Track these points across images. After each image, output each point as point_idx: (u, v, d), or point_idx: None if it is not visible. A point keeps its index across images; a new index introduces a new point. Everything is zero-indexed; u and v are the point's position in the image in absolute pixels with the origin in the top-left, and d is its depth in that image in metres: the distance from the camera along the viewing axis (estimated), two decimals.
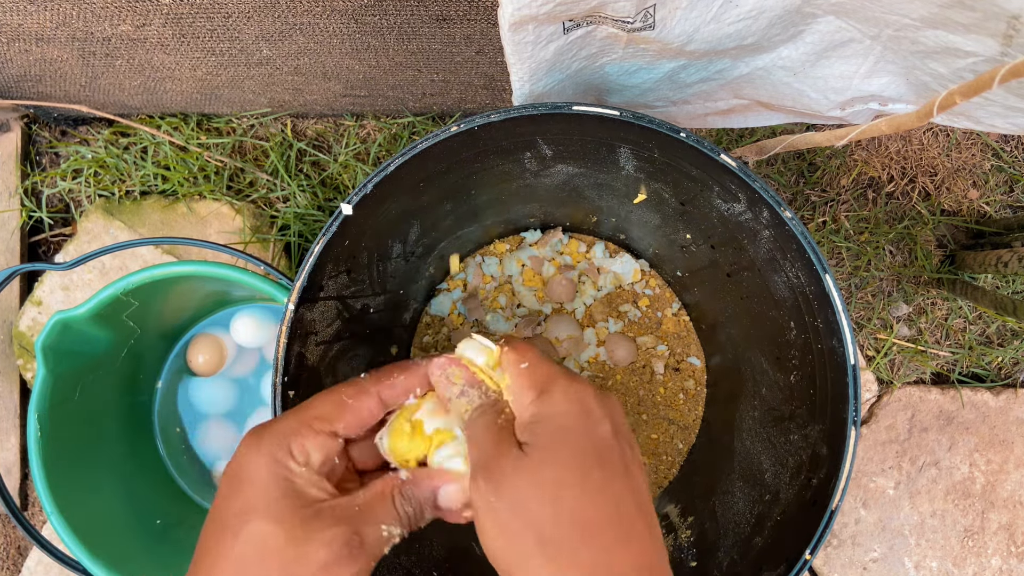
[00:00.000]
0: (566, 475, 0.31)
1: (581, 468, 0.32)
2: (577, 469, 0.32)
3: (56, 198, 0.84)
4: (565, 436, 0.33)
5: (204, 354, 0.72)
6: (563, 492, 0.31)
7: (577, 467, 0.32)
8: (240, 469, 0.33)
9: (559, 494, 0.31)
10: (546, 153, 0.54)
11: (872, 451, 0.80)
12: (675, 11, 0.46)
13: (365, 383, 0.37)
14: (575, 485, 0.31)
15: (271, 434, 0.34)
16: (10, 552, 0.83)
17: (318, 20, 0.61)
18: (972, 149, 0.82)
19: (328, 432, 0.35)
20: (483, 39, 0.63)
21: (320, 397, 0.36)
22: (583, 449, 0.32)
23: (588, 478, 0.32)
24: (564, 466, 0.32)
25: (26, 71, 0.69)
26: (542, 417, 0.34)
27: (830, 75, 0.54)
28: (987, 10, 0.39)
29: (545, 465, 0.32)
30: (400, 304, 0.65)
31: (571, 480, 0.31)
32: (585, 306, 0.70)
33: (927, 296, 0.82)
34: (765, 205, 0.47)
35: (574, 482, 0.31)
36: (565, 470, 0.32)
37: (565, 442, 0.32)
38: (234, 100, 0.76)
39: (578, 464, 0.32)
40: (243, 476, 0.33)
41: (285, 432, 0.34)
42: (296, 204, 0.80)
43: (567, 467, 0.32)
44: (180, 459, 0.73)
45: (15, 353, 0.80)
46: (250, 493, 0.32)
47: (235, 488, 0.32)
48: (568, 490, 0.31)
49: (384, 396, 0.37)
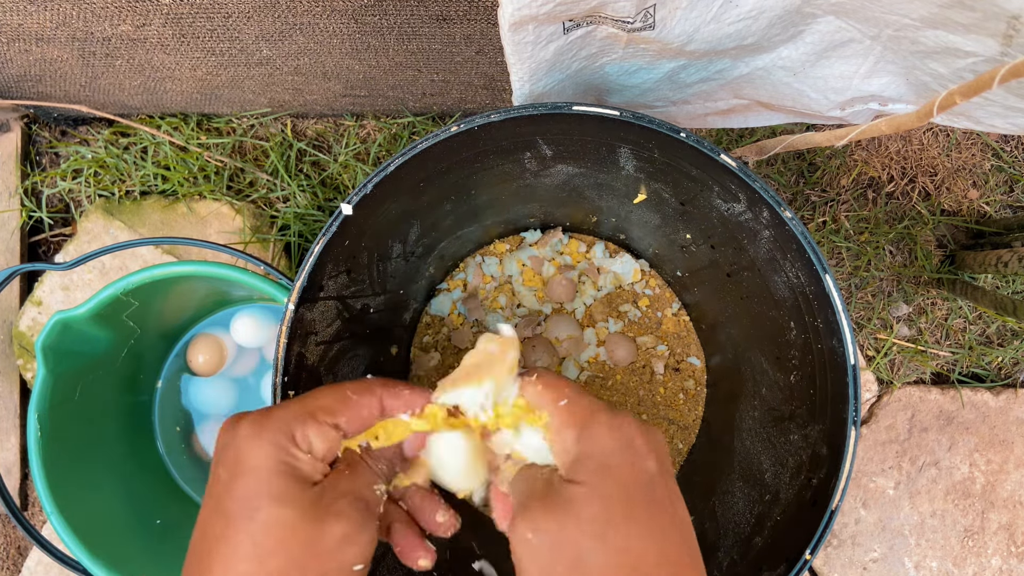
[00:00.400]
0: (612, 513, 0.31)
1: (627, 506, 0.31)
2: (624, 507, 0.31)
3: (56, 198, 0.84)
4: (610, 473, 0.32)
5: (204, 354, 0.72)
6: (609, 530, 0.31)
7: (623, 505, 0.31)
8: (240, 456, 0.32)
9: (605, 532, 0.31)
10: (546, 153, 0.54)
11: (872, 451, 0.80)
12: (675, 11, 0.46)
13: (372, 384, 0.37)
14: (622, 523, 0.31)
15: (273, 421, 0.33)
16: (10, 552, 0.83)
17: (318, 20, 0.61)
18: (972, 149, 0.82)
19: (331, 424, 0.35)
20: (483, 39, 0.63)
21: (324, 390, 0.36)
22: (629, 486, 0.32)
23: (634, 516, 0.31)
24: (610, 504, 0.31)
25: (26, 71, 0.69)
26: (586, 454, 0.33)
27: (830, 75, 0.54)
28: (987, 10, 0.39)
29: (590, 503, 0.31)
30: (400, 304, 0.65)
31: (618, 518, 0.31)
32: (585, 306, 0.70)
33: (927, 296, 0.82)
34: (765, 205, 0.47)
35: (620, 520, 0.31)
36: (611, 508, 0.31)
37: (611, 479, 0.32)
38: (234, 100, 0.76)
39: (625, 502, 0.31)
40: (245, 463, 0.32)
41: (288, 419, 0.34)
42: (296, 204, 0.80)
43: (613, 505, 0.31)
44: (180, 459, 0.73)
45: (15, 353, 0.80)
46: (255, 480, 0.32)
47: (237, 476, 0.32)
48: (614, 528, 0.31)
49: (386, 402, 0.37)
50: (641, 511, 0.31)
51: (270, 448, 0.32)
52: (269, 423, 0.33)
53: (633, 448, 0.33)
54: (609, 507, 0.31)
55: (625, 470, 0.32)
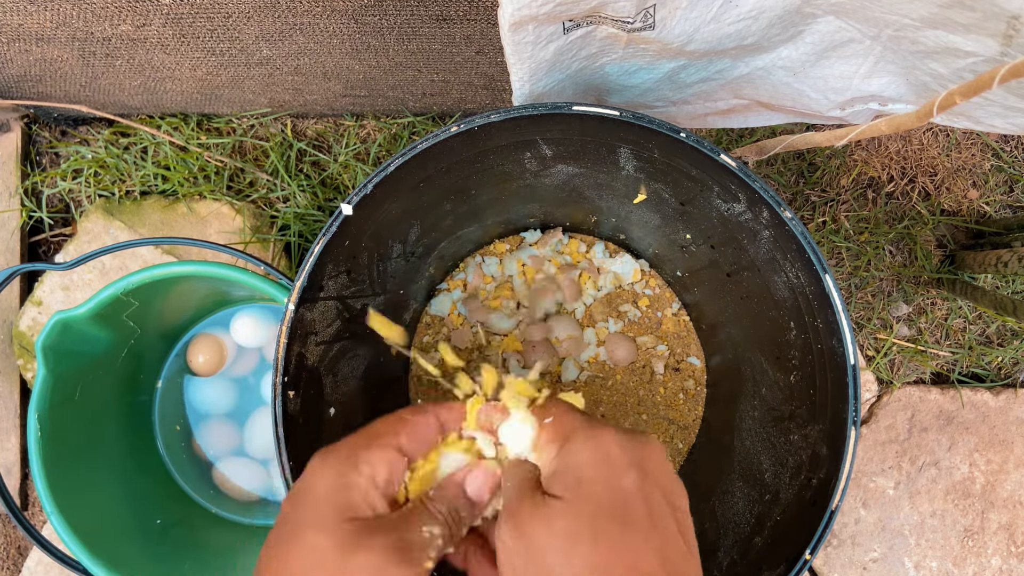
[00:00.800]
0: (580, 528, 0.31)
1: (595, 522, 0.31)
2: (591, 522, 0.31)
3: (56, 198, 0.84)
4: (583, 487, 0.32)
5: (204, 354, 0.72)
6: (576, 546, 0.30)
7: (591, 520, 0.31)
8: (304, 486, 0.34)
9: (572, 547, 0.30)
10: (546, 153, 0.54)
11: (872, 451, 0.80)
12: (675, 11, 0.46)
13: (424, 404, 0.39)
14: (588, 540, 0.30)
15: (338, 450, 0.35)
16: (10, 552, 0.83)
17: (318, 20, 0.61)
18: (972, 149, 0.82)
19: (393, 447, 0.36)
20: (483, 39, 0.63)
21: (381, 419, 0.38)
22: (600, 501, 0.31)
23: (602, 532, 0.30)
24: (579, 519, 0.31)
25: (26, 71, 0.69)
26: (562, 468, 0.33)
27: (830, 75, 0.54)
28: (987, 10, 0.39)
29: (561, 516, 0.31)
30: (400, 304, 0.65)
31: (584, 534, 0.30)
32: (585, 306, 0.70)
33: (927, 296, 0.82)
34: (765, 205, 0.47)
35: (587, 536, 0.30)
36: (579, 523, 0.31)
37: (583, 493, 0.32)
38: (234, 100, 0.76)
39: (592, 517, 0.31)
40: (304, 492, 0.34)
41: (353, 447, 0.35)
42: (296, 204, 0.80)
43: (581, 520, 0.31)
44: (180, 459, 0.73)
45: (15, 353, 0.80)
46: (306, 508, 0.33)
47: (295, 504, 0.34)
48: (581, 544, 0.30)
49: (442, 417, 0.39)
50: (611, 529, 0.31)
51: (331, 475, 0.34)
52: (333, 453, 0.35)
53: (609, 462, 0.33)
54: (577, 523, 0.31)
55: (598, 486, 0.32)
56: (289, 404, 0.47)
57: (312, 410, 0.51)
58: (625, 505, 0.32)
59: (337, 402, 0.55)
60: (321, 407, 0.53)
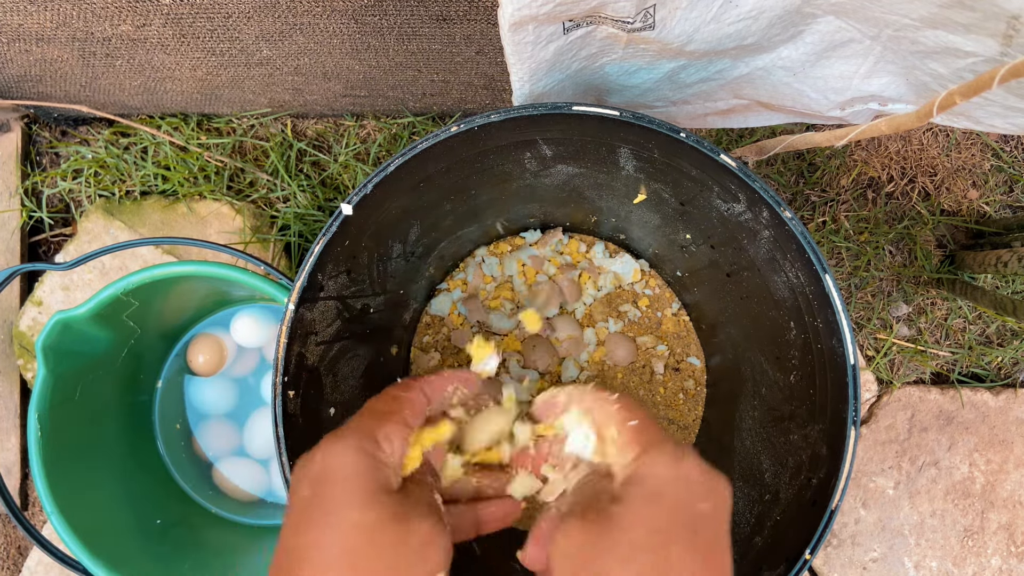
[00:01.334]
0: (646, 539, 0.30)
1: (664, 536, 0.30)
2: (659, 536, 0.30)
3: (56, 198, 0.84)
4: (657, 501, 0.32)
5: (204, 354, 0.72)
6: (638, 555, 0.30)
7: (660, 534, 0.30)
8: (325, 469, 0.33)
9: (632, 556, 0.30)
10: (546, 153, 0.54)
11: (872, 451, 0.80)
12: (675, 11, 0.46)
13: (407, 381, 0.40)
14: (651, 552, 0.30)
15: (353, 430, 0.35)
16: (10, 552, 0.83)
17: (318, 20, 0.61)
18: (972, 149, 0.82)
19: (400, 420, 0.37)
20: (483, 39, 0.63)
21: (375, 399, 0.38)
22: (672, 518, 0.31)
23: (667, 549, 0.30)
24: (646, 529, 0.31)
25: (26, 71, 0.69)
26: (641, 476, 0.33)
27: (830, 75, 0.54)
28: (987, 10, 0.39)
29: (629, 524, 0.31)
30: (400, 304, 0.65)
31: (649, 545, 0.30)
32: (585, 306, 0.70)
33: (927, 296, 0.82)
34: (765, 205, 0.47)
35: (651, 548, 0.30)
36: (646, 534, 0.30)
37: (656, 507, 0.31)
38: (234, 100, 0.76)
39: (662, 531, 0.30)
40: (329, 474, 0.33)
41: (369, 425, 0.35)
42: (296, 204, 0.80)
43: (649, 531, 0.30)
44: (180, 459, 0.73)
45: (15, 353, 0.80)
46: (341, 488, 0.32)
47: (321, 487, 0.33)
48: (643, 554, 0.30)
49: (426, 390, 0.40)
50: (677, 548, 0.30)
51: (356, 455, 0.33)
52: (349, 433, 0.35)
53: (689, 484, 0.33)
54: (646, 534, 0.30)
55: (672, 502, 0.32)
56: (289, 404, 0.47)
57: (312, 410, 0.51)
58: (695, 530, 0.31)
59: (337, 402, 0.55)
60: (321, 407, 0.53)
